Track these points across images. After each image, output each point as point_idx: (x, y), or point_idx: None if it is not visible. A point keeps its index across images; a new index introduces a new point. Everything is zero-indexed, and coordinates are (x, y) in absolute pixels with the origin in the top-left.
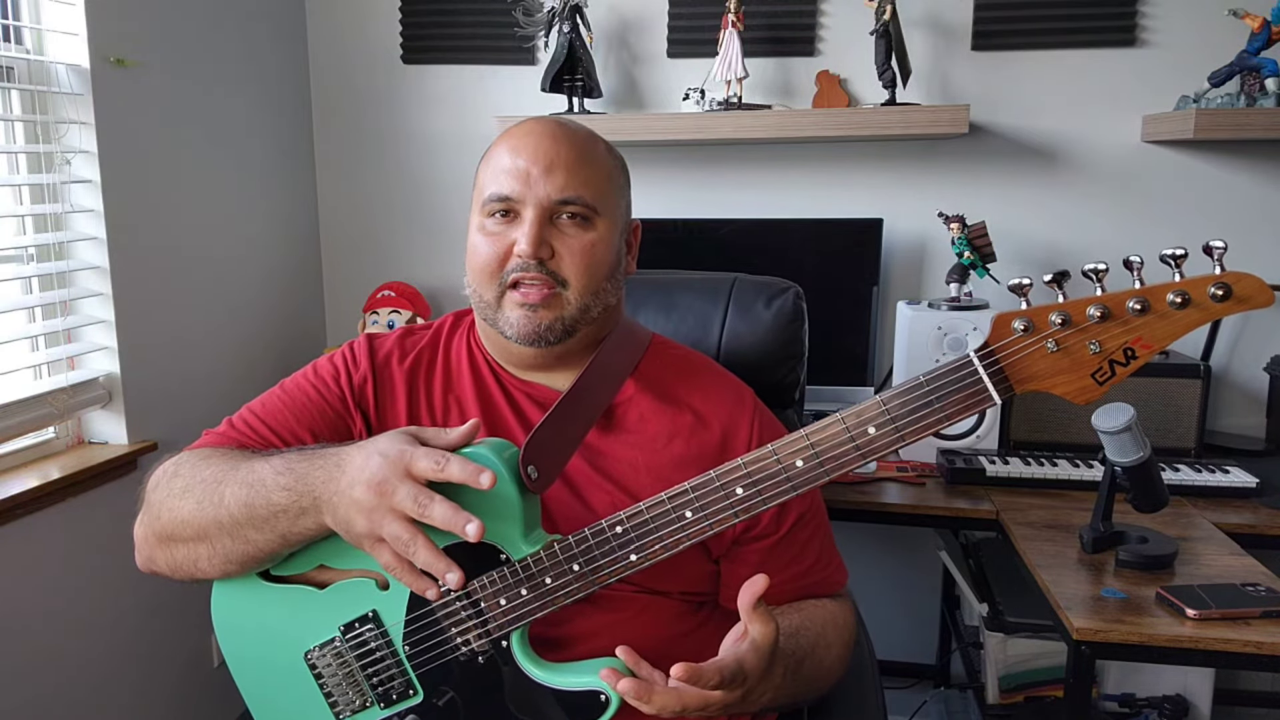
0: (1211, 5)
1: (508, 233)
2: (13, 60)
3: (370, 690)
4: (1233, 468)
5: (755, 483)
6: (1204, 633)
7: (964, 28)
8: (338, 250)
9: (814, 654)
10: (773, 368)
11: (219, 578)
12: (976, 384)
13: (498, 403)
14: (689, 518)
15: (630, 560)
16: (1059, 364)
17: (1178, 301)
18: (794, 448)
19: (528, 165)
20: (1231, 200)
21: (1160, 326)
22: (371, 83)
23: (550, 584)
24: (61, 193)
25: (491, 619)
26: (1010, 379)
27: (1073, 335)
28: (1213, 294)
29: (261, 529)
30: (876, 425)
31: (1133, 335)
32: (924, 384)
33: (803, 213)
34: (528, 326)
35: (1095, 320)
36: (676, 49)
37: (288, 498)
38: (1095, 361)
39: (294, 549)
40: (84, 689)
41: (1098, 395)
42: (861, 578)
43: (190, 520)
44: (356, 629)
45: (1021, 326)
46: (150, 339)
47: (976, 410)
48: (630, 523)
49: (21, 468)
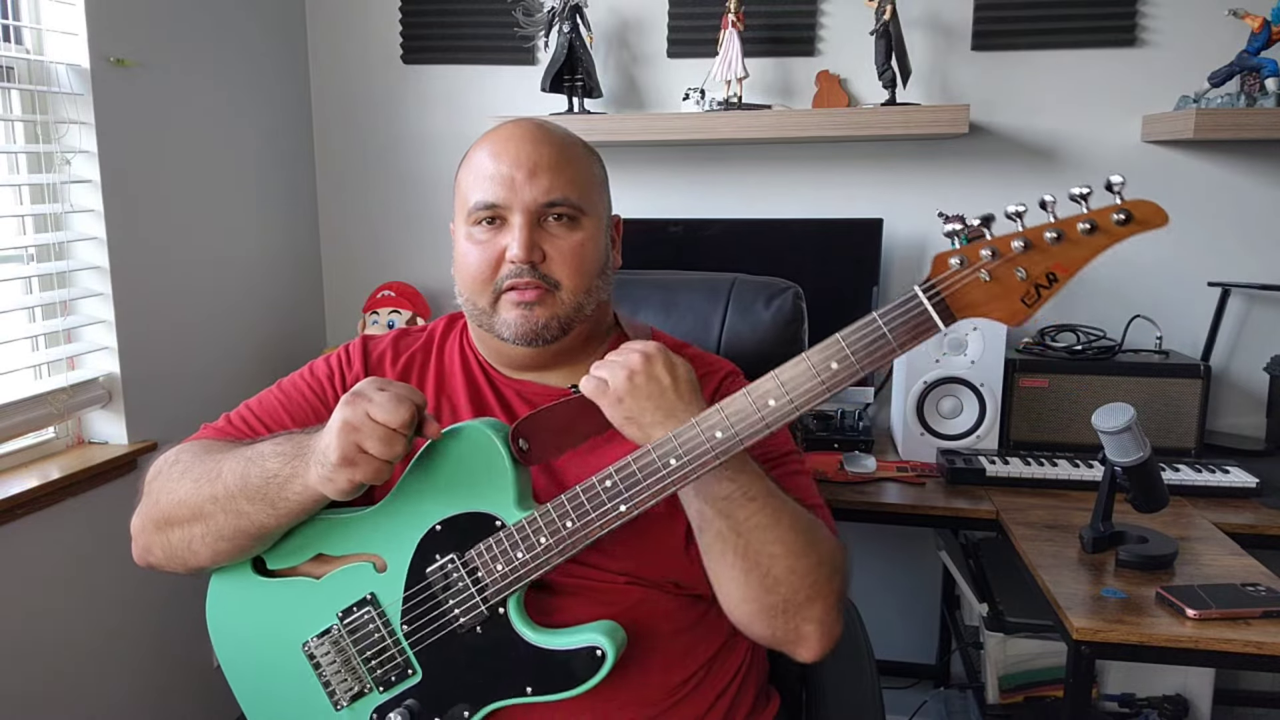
0: (1211, 5)
1: (496, 239)
2: (13, 60)
3: (369, 675)
4: (1233, 468)
5: (732, 424)
6: (1204, 633)
7: (964, 28)
8: (338, 250)
9: (790, 510)
10: (773, 368)
11: (210, 562)
12: (922, 314)
13: (489, 403)
14: (673, 465)
15: (620, 510)
16: (992, 291)
17: (1086, 228)
18: (765, 388)
19: (511, 170)
20: (1231, 200)
21: (1074, 251)
22: (371, 83)
23: (545, 543)
24: (61, 193)
25: (490, 584)
26: (951, 307)
27: (1001, 265)
28: (1116, 219)
29: (253, 499)
30: (838, 360)
31: (1052, 261)
32: (876, 319)
33: (803, 213)
34: (525, 326)
35: (1020, 251)
36: (676, 49)
37: (281, 463)
38: (1023, 287)
39: (282, 523)
40: (84, 689)
41: (1025, 316)
42: (861, 578)
43: (187, 499)
44: (355, 613)
45: (957, 262)
46: (150, 339)
47: (923, 338)
48: (618, 475)
49: (21, 468)
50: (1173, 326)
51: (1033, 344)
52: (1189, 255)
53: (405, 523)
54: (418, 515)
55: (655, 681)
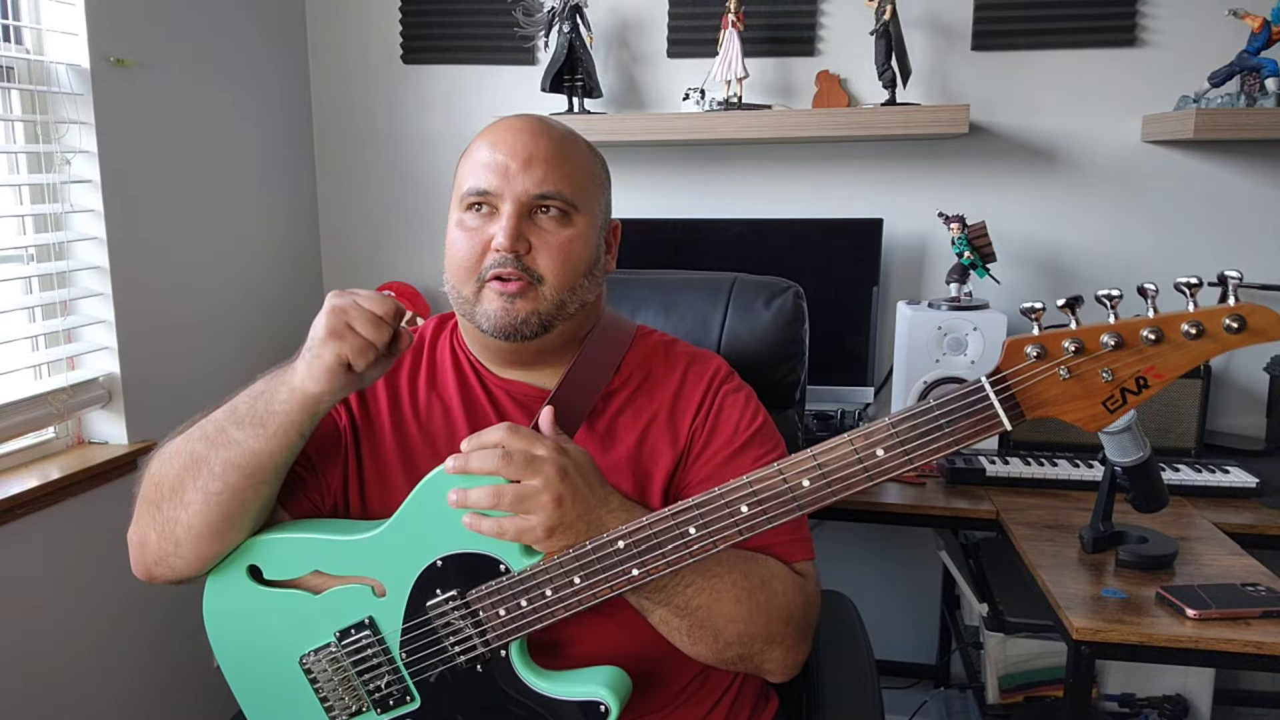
0: (1211, 5)
1: (485, 227)
2: (13, 60)
3: (366, 696)
4: (1233, 468)
5: (760, 501)
6: (1204, 633)
7: (964, 28)
8: (338, 250)
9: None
10: (773, 368)
11: (202, 515)
12: (988, 409)
13: (480, 401)
14: (692, 534)
15: (632, 574)
16: (1071, 391)
17: (1192, 332)
18: (801, 467)
19: (506, 159)
20: (1231, 200)
21: (1174, 356)
22: (371, 83)
23: (550, 596)
24: (61, 193)
25: (490, 629)
26: (1022, 405)
27: (1086, 363)
28: (1227, 325)
29: (242, 423)
30: (885, 447)
31: (1146, 364)
32: (934, 408)
33: (803, 213)
34: (504, 319)
35: (1109, 348)
36: (676, 49)
37: (265, 382)
38: (1107, 389)
39: (273, 445)
40: (84, 688)
41: (1108, 423)
42: (861, 578)
43: (179, 450)
44: (353, 635)
45: (1035, 353)
46: (150, 339)
47: (986, 435)
48: (633, 537)
49: (21, 468)
50: None
51: None
52: (1189, 255)
53: (407, 553)
54: (420, 546)
55: (656, 689)
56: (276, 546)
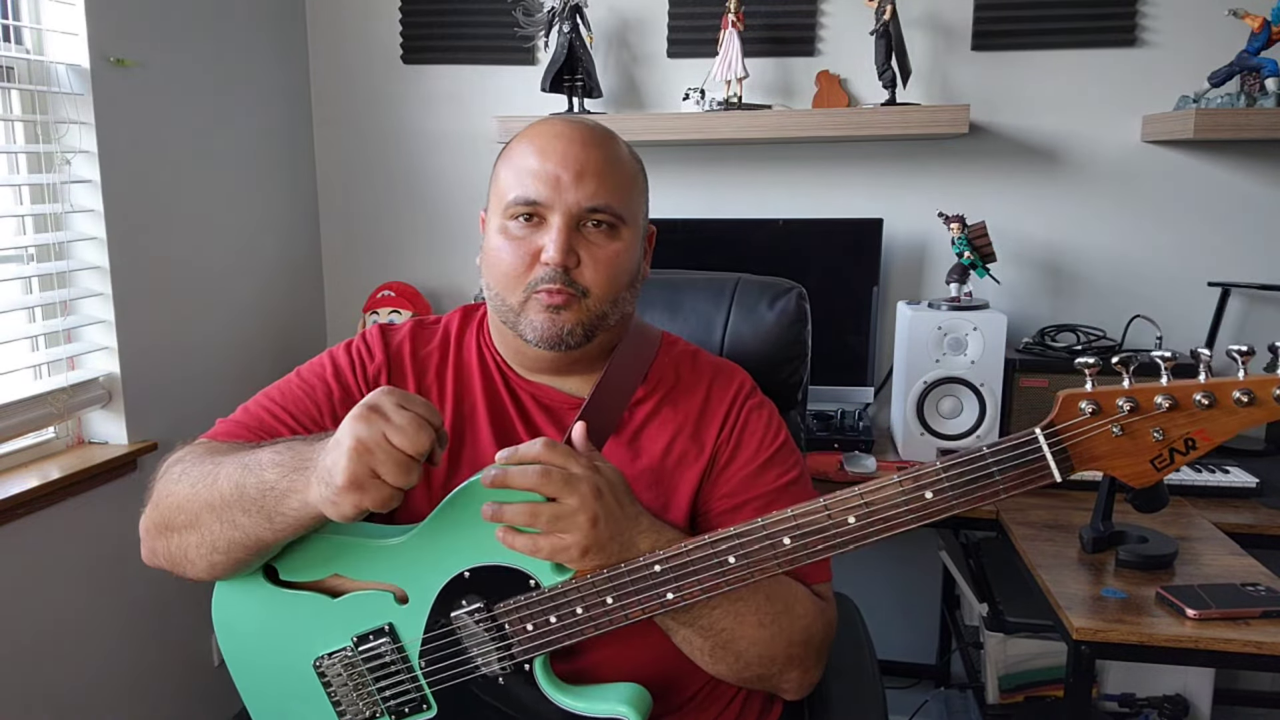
0: (1211, 5)
1: (533, 237)
2: (13, 60)
3: (382, 702)
4: (1233, 468)
5: (803, 534)
6: (1204, 633)
7: (964, 28)
8: (338, 250)
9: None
10: (775, 368)
11: (205, 575)
12: (1039, 461)
13: (505, 404)
14: (731, 563)
15: (667, 598)
16: (1121, 447)
17: (1244, 400)
18: (847, 505)
19: (557, 170)
20: (1231, 200)
21: (1224, 420)
22: (371, 83)
23: (581, 614)
24: (61, 193)
25: (516, 642)
26: (1073, 458)
27: (1139, 421)
28: (1277, 396)
29: (249, 510)
30: (933, 490)
31: (1196, 426)
32: (986, 454)
33: (803, 213)
34: (550, 330)
35: (1162, 409)
36: (676, 49)
37: (279, 474)
38: (1157, 449)
39: (279, 538)
40: (84, 688)
41: (1154, 480)
42: (861, 578)
43: (184, 504)
44: (371, 641)
45: (1089, 409)
46: (150, 339)
47: (1034, 486)
48: (670, 562)
49: (21, 468)
50: (1173, 326)
51: (1033, 344)
52: (1189, 255)
53: (433, 562)
54: (447, 556)
55: (669, 695)
56: (295, 548)
